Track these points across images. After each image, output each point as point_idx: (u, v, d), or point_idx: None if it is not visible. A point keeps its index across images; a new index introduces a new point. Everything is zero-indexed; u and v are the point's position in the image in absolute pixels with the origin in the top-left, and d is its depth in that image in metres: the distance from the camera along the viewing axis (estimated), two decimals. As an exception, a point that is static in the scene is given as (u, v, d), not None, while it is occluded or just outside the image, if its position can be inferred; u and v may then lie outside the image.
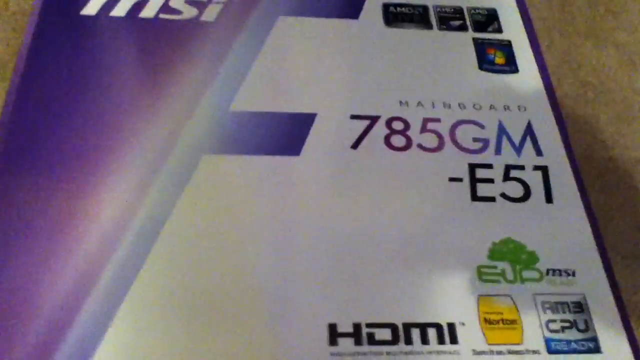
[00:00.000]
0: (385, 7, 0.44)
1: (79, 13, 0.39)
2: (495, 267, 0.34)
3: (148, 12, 0.40)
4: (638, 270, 0.48)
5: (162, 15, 0.40)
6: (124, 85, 0.37)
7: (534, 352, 0.32)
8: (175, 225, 0.33)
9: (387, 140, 0.37)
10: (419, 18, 0.43)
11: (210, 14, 0.41)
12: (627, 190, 0.52)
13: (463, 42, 0.43)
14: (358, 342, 0.31)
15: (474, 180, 0.37)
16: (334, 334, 0.31)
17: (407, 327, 0.32)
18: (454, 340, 0.32)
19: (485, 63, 0.42)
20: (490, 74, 0.41)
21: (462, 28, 0.43)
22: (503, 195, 0.36)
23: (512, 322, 0.33)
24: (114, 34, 0.39)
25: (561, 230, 0.36)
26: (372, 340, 0.31)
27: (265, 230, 0.33)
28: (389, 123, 0.38)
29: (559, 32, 0.61)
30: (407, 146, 0.37)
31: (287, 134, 0.37)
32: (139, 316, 0.31)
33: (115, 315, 0.30)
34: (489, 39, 0.43)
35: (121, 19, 0.40)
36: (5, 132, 0.35)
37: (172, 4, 0.41)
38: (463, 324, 0.32)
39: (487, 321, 0.32)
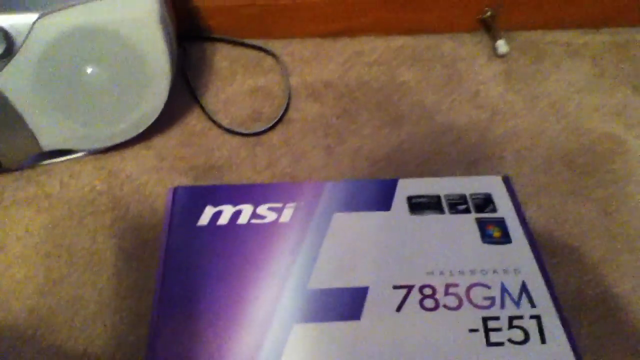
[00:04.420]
0: (409, 198, 0.60)
1: (195, 224, 0.56)
2: (508, 396, 0.47)
3: (243, 219, 0.56)
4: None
5: (252, 221, 0.56)
6: (231, 273, 0.52)
7: None
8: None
9: (421, 303, 0.52)
10: (434, 205, 0.59)
11: (286, 216, 0.57)
12: (615, 320, 0.64)
13: (468, 222, 0.58)
14: None
15: (487, 330, 0.50)
16: None
17: None
18: None
19: (486, 237, 0.57)
20: (490, 245, 0.56)
21: (467, 211, 0.59)
22: (509, 340, 0.50)
23: None
24: (221, 238, 0.55)
25: (554, 364, 0.49)
26: None
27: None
28: (421, 289, 0.53)
29: (546, 194, 0.76)
30: (436, 307, 0.52)
31: (350, 303, 0.51)
32: None
33: None
34: (487, 218, 0.58)
35: (224, 225, 0.56)
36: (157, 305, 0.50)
37: (258, 211, 0.57)
38: None
39: None
